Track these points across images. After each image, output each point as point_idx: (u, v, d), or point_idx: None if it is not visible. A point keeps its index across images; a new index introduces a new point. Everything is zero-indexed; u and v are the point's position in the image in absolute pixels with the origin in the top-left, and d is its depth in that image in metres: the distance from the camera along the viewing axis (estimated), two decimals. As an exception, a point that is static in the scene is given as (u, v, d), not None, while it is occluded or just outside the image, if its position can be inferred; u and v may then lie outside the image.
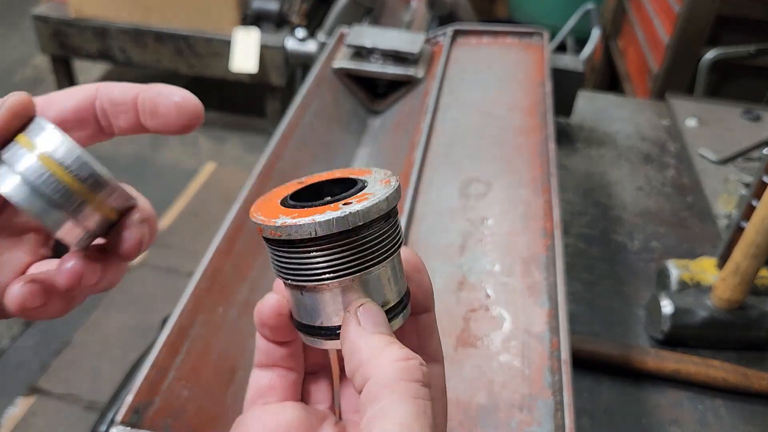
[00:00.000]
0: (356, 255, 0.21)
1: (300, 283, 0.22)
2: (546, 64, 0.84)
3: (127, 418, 0.41)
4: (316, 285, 0.22)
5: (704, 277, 0.70)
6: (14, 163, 0.20)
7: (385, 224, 0.22)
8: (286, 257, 0.22)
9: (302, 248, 0.21)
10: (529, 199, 0.62)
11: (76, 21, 2.04)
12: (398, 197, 0.22)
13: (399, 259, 0.23)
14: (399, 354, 0.20)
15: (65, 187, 0.20)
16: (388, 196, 0.21)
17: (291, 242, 0.21)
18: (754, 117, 1.13)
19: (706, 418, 0.62)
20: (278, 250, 0.22)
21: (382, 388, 0.19)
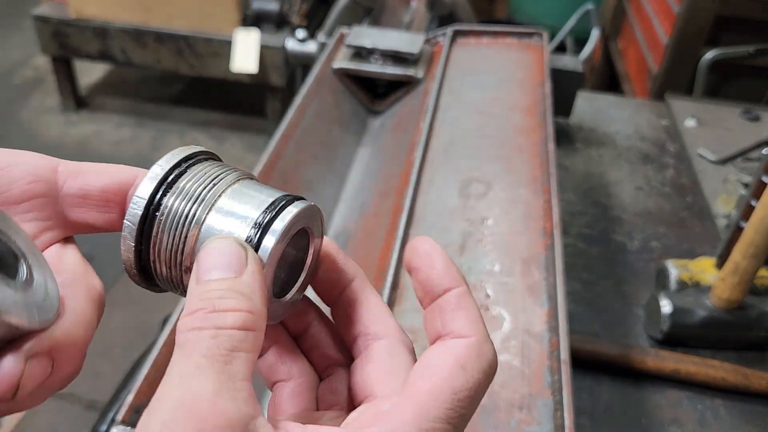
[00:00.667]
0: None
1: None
2: (545, 65, 0.84)
3: (127, 417, 0.41)
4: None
5: (703, 277, 0.70)
6: None
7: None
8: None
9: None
10: (528, 199, 0.62)
11: (77, 21, 2.04)
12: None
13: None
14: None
15: None
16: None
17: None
18: (753, 117, 1.13)
19: (705, 418, 0.63)
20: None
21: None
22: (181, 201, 0.18)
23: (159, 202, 0.18)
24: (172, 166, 0.19)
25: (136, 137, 2.20)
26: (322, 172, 0.76)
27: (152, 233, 0.19)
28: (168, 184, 0.18)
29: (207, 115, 2.31)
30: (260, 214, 0.18)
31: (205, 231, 0.18)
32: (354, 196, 0.74)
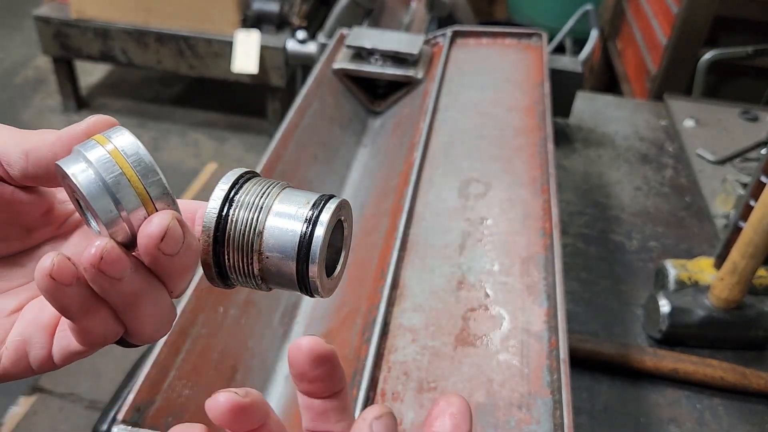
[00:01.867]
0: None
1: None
2: (544, 65, 0.84)
3: (128, 416, 0.41)
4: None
5: (702, 277, 0.70)
6: (86, 152, 0.21)
7: None
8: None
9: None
10: (527, 199, 0.62)
11: (78, 22, 2.04)
12: None
13: None
14: None
15: (127, 182, 0.21)
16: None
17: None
18: (752, 117, 1.13)
19: (704, 417, 0.63)
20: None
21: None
22: (243, 211, 0.23)
23: (227, 214, 0.22)
24: (231, 184, 0.23)
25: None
26: (322, 172, 0.77)
27: (224, 239, 0.23)
28: (230, 200, 0.23)
29: (207, 115, 2.32)
30: (308, 211, 0.22)
31: (267, 231, 0.22)
32: (354, 196, 0.74)
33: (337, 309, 0.57)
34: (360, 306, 0.52)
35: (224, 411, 0.22)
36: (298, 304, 0.60)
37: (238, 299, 0.54)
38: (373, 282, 0.54)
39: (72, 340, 0.22)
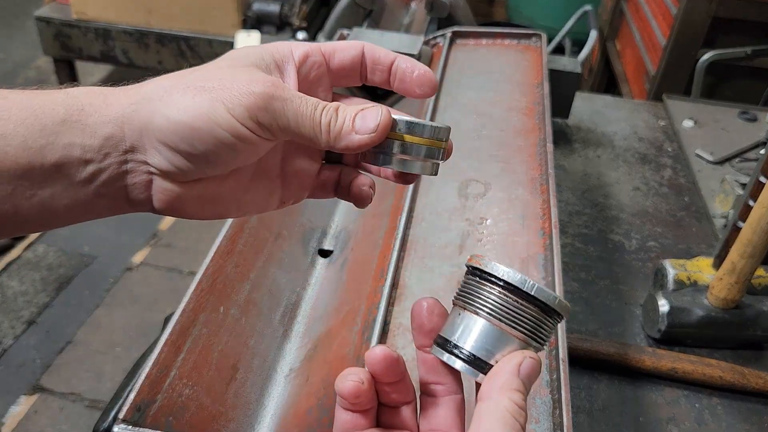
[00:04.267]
0: (543, 332, 0.28)
1: (496, 318, 0.27)
2: (544, 66, 0.84)
3: (129, 416, 0.41)
4: (505, 326, 0.27)
5: (701, 277, 0.71)
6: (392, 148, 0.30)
7: (553, 327, 0.28)
8: (505, 299, 0.27)
9: (532, 304, 0.27)
10: (527, 199, 0.63)
11: (78, 23, 2.05)
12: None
13: None
14: (518, 399, 0.25)
15: (428, 147, 0.30)
16: (567, 310, 0.28)
17: (527, 296, 0.27)
18: (751, 118, 1.14)
19: (702, 417, 0.63)
20: (503, 291, 0.27)
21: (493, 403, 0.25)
22: None
23: None
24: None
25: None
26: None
27: None
28: None
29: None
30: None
31: None
32: (354, 197, 0.74)
33: (336, 309, 0.57)
34: (360, 306, 0.53)
35: (379, 360, 0.27)
36: (299, 303, 0.60)
37: (238, 299, 0.55)
38: (372, 282, 0.54)
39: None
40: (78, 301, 1.58)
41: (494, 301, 0.27)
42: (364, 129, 0.28)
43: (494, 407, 0.24)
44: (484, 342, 0.27)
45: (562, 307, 0.27)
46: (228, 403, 0.47)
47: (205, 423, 0.45)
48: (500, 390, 0.25)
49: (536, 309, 0.27)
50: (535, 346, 0.27)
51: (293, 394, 0.50)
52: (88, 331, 1.50)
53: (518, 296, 0.27)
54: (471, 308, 0.27)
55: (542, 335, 0.27)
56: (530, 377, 0.26)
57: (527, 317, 0.27)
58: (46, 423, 1.31)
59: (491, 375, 0.26)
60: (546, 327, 0.27)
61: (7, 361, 1.43)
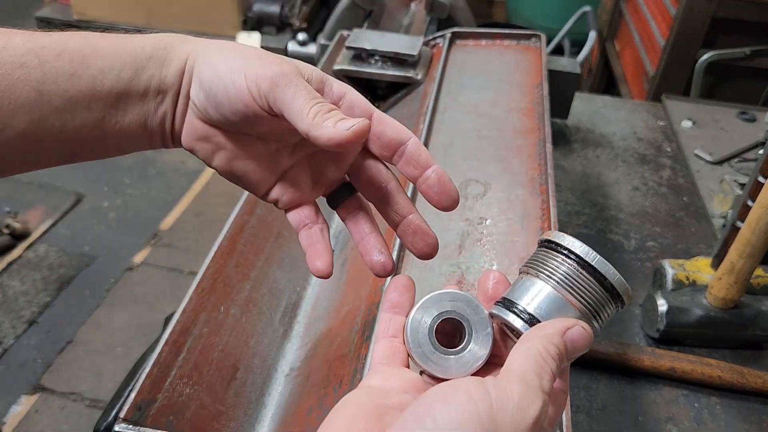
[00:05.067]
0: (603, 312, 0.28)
1: (577, 300, 0.28)
2: (543, 67, 0.85)
3: (130, 415, 0.42)
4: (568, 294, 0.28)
5: (700, 277, 0.71)
6: None
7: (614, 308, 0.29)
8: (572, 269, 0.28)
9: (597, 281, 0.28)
10: (526, 199, 0.63)
11: (79, 23, 2.05)
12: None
13: None
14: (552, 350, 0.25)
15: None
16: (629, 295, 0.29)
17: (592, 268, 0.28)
18: (750, 118, 1.14)
19: (701, 416, 0.63)
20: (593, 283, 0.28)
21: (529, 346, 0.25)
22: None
23: None
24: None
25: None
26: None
27: None
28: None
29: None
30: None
31: None
32: (354, 197, 0.75)
33: (337, 308, 0.57)
34: (360, 305, 0.53)
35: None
36: (299, 303, 0.60)
37: (239, 299, 0.55)
38: (372, 281, 0.54)
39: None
40: (79, 301, 1.58)
41: (564, 271, 0.28)
42: (343, 125, 0.28)
43: (527, 347, 0.25)
44: (547, 307, 0.27)
45: (624, 289, 0.27)
46: (228, 402, 0.47)
47: (205, 422, 0.45)
48: (539, 337, 0.25)
49: (600, 287, 0.27)
50: (591, 324, 0.28)
51: (293, 393, 0.50)
52: (88, 331, 1.51)
53: (587, 270, 0.27)
54: (539, 275, 0.28)
55: (601, 314, 0.28)
56: (575, 343, 0.26)
57: (590, 291, 0.27)
58: (46, 422, 1.31)
59: (538, 326, 0.26)
60: (606, 307, 0.28)
61: (8, 361, 1.43)
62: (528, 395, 0.22)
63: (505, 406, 0.22)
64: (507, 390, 0.22)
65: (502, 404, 0.22)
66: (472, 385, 0.22)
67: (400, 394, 0.26)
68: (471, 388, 0.22)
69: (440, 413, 0.21)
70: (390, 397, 0.25)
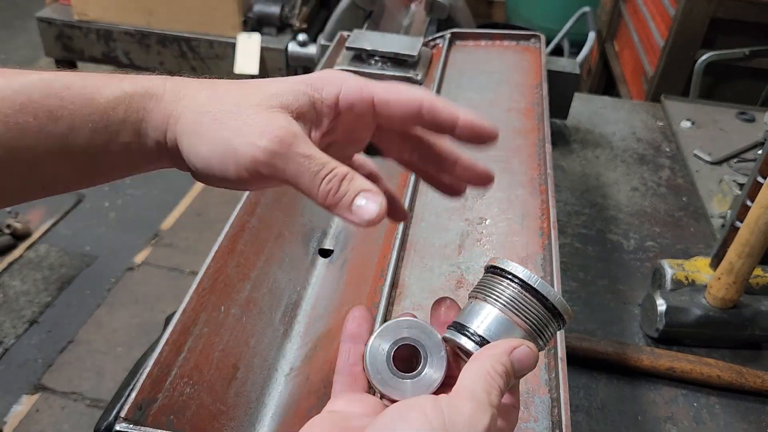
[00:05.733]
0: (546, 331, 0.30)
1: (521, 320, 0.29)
2: (542, 67, 0.85)
3: (130, 414, 0.42)
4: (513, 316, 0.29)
5: (699, 277, 0.71)
6: None
7: (555, 329, 0.31)
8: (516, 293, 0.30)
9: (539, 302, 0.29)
10: (526, 199, 0.63)
11: (80, 24, 2.05)
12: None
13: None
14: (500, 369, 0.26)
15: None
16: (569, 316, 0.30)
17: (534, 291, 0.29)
18: (749, 118, 1.14)
19: (701, 416, 0.63)
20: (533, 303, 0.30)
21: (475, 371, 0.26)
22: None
23: None
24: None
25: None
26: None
27: None
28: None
29: (208, 117, 2.32)
30: None
31: None
32: (354, 197, 0.75)
33: (337, 308, 0.57)
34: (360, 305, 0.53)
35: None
36: (299, 303, 0.61)
37: (239, 299, 0.55)
38: (372, 281, 0.54)
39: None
40: (79, 301, 1.58)
41: (509, 295, 0.29)
42: (361, 214, 0.27)
43: (477, 366, 0.26)
44: (495, 328, 0.29)
45: (564, 309, 0.30)
46: (229, 402, 0.47)
47: (206, 422, 0.45)
48: (487, 357, 0.27)
49: (542, 307, 0.29)
50: (537, 343, 0.30)
51: (294, 393, 0.51)
52: (89, 331, 1.51)
53: (530, 292, 0.29)
54: (487, 299, 0.30)
55: (544, 333, 0.30)
56: (521, 362, 0.27)
57: (534, 312, 0.29)
58: (47, 422, 1.32)
59: (487, 346, 0.28)
60: (548, 326, 0.30)
61: (8, 361, 1.43)
62: (478, 411, 0.24)
63: (457, 422, 0.23)
64: (458, 407, 0.24)
65: (454, 420, 0.23)
66: (427, 402, 0.24)
67: (361, 417, 0.27)
68: (426, 405, 0.23)
69: (398, 430, 0.23)
70: (352, 421, 0.26)
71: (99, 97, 0.28)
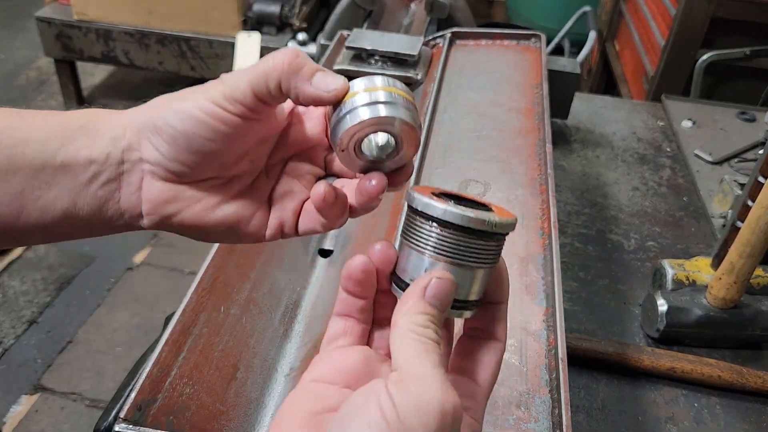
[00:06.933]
0: (476, 252, 0.26)
1: (423, 250, 0.27)
2: (543, 67, 0.85)
3: (130, 415, 0.42)
4: (435, 258, 0.26)
5: (699, 277, 0.71)
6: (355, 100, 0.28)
7: (500, 243, 0.27)
8: (429, 231, 0.26)
9: (452, 231, 0.26)
10: (526, 199, 0.63)
11: (80, 23, 2.05)
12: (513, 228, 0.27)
13: (489, 272, 0.28)
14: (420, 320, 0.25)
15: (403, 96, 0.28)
16: (514, 223, 0.27)
17: (447, 224, 0.26)
18: (749, 118, 1.14)
19: (701, 416, 0.63)
20: (424, 223, 0.26)
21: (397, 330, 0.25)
22: None
23: None
24: None
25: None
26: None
27: None
28: None
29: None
30: None
31: None
32: (354, 197, 0.75)
33: (337, 308, 0.57)
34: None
35: (383, 251, 0.28)
36: (299, 303, 0.61)
37: (239, 299, 0.55)
38: (372, 281, 0.54)
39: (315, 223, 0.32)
40: (79, 301, 1.58)
41: (408, 227, 0.27)
42: (320, 86, 0.28)
43: (398, 333, 0.25)
44: (407, 266, 0.27)
45: (478, 222, 0.25)
46: (228, 402, 0.47)
47: (205, 422, 0.45)
48: (403, 315, 0.25)
49: (451, 230, 0.26)
50: (465, 266, 0.26)
51: (293, 393, 0.50)
52: (89, 331, 1.51)
53: (424, 218, 0.26)
54: (409, 242, 0.27)
55: (477, 258, 0.26)
56: (438, 296, 0.26)
57: (453, 243, 0.26)
58: (47, 422, 1.32)
59: (399, 302, 0.26)
60: (478, 248, 0.26)
61: (8, 361, 1.43)
62: (425, 389, 0.22)
63: (410, 411, 0.22)
64: (406, 392, 0.22)
65: (407, 409, 0.22)
66: (382, 395, 0.23)
67: (340, 390, 0.26)
68: (381, 398, 0.22)
69: (353, 429, 0.22)
70: (329, 398, 0.26)
71: (60, 114, 0.28)
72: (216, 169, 0.30)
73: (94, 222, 0.29)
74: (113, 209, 0.29)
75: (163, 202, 0.30)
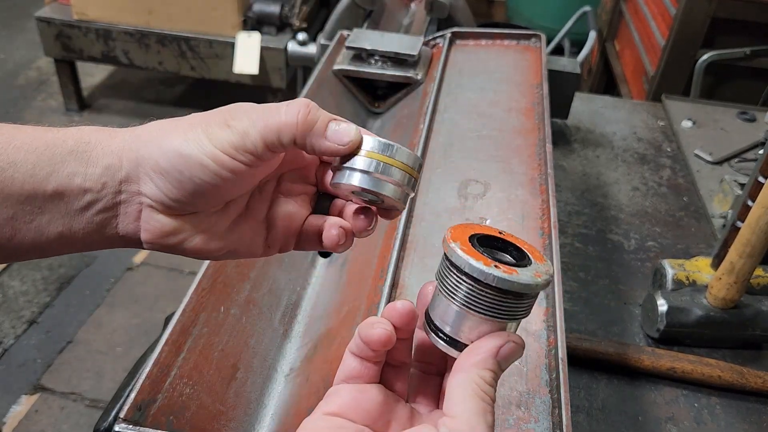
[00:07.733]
0: (524, 307, 0.28)
1: (466, 307, 0.27)
2: (543, 66, 0.85)
3: (130, 415, 0.41)
4: (477, 315, 0.27)
5: (699, 277, 0.71)
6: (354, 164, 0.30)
7: (532, 300, 0.28)
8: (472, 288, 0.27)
9: (493, 292, 0.27)
10: (526, 199, 0.63)
11: (79, 23, 2.05)
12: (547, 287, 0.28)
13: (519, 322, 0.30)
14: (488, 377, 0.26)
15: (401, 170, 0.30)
16: (545, 283, 0.27)
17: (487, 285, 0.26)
18: (750, 118, 1.14)
19: (701, 416, 0.63)
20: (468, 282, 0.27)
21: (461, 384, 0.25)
22: None
23: None
24: None
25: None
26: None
27: None
28: None
29: (208, 116, 2.32)
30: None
31: None
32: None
33: (336, 308, 0.57)
34: (360, 305, 0.53)
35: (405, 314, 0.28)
36: (299, 303, 0.61)
37: (239, 299, 0.55)
38: (372, 281, 0.54)
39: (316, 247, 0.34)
40: (79, 301, 1.58)
41: (464, 291, 0.27)
42: (334, 139, 0.28)
43: (464, 381, 0.25)
44: (461, 325, 0.27)
45: (525, 287, 0.26)
46: (228, 402, 0.47)
47: (205, 422, 0.45)
48: (473, 366, 0.26)
49: (506, 296, 0.27)
50: (514, 323, 0.28)
51: (293, 393, 0.50)
52: (88, 331, 1.51)
53: (483, 286, 0.26)
54: (445, 293, 0.27)
55: (516, 313, 0.27)
56: (509, 360, 0.27)
57: (496, 304, 0.27)
58: (46, 422, 1.32)
59: (468, 350, 0.27)
60: (519, 306, 0.27)
61: (8, 361, 1.43)
62: None
63: None
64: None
65: None
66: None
67: (359, 428, 0.26)
68: None
69: None
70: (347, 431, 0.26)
71: (48, 132, 0.28)
72: (218, 203, 0.30)
73: (92, 243, 0.29)
74: (111, 233, 0.29)
75: (164, 235, 0.30)
